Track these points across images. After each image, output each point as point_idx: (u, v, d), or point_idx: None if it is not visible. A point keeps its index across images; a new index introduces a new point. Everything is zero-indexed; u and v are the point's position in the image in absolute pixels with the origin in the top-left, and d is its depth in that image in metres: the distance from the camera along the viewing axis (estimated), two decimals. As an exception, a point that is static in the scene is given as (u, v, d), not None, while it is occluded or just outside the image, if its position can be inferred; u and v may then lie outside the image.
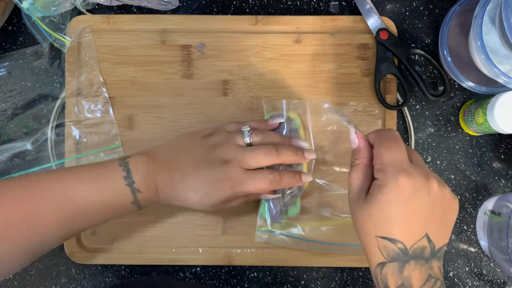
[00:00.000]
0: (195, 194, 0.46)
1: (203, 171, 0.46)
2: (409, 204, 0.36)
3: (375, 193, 0.37)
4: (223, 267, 0.60)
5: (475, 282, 0.59)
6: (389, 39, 0.57)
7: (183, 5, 0.61)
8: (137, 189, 0.44)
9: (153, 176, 0.46)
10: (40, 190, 0.41)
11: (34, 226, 0.41)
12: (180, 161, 0.47)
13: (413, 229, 0.37)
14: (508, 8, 0.44)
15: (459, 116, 0.60)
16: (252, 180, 0.47)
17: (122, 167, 0.45)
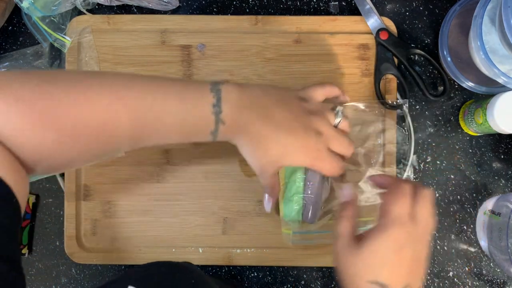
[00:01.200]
0: (279, 149, 0.44)
1: (298, 132, 0.44)
2: (399, 254, 0.40)
3: (371, 236, 0.41)
4: (223, 267, 0.60)
5: (475, 282, 0.59)
6: (389, 39, 0.57)
7: (183, 5, 0.61)
8: (222, 119, 0.42)
9: (243, 113, 0.43)
10: (124, 97, 0.38)
11: (111, 134, 0.38)
12: (277, 112, 0.44)
13: (399, 276, 0.40)
14: (508, 8, 0.44)
15: (459, 116, 0.60)
16: (331, 161, 0.46)
17: (213, 94, 0.42)
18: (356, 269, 0.41)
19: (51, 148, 0.35)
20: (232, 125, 0.42)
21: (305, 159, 0.45)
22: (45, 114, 0.34)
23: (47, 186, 0.61)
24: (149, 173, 0.58)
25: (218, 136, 0.43)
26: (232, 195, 0.58)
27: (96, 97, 0.37)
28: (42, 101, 0.34)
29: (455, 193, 0.60)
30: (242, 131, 0.43)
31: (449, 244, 0.60)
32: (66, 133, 0.35)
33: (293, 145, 0.44)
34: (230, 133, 0.43)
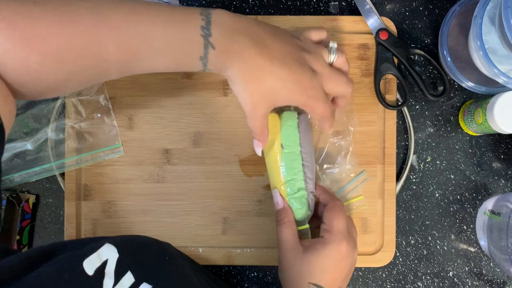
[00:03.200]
0: (273, 81, 0.41)
1: (294, 66, 0.42)
2: (340, 263, 0.46)
3: (318, 247, 0.46)
4: (223, 267, 0.60)
5: (474, 282, 0.59)
6: (389, 39, 0.57)
7: (183, 5, 0.61)
8: (211, 43, 0.39)
9: (235, 38, 0.40)
10: (109, 21, 0.37)
11: (98, 57, 0.37)
12: (272, 42, 0.42)
13: (335, 282, 0.46)
14: (507, 8, 0.44)
15: (458, 116, 0.60)
16: (325, 103, 0.45)
17: (203, 16, 0.40)
18: (300, 271, 0.46)
19: (36, 70, 0.35)
20: (223, 51, 0.40)
21: (299, 97, 0.43)
22: (29, 35, 0.34)
23: (47, 186, 0.61)
24: (149, 173, 0.58)
25: (209, 63, 0.41)
26: (232, 195, 0.58)
27: (79, 18, 0.36)
28: (26, 23, 0.34)
29: (455, 193, 0.60)
30: (235, 58, 0.40)
31: (449, 244, 0.60)
32: (50, 55, 0.35)
33: (288, 80, 0.42)
34: (221, 61, 0.40)
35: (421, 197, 0.60)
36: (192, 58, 0.40)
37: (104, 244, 0.35)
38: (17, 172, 0.58)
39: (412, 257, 0.60)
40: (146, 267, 0.37)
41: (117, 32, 0.37)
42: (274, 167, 0.50)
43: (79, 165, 0.58)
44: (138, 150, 0.58)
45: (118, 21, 0.37)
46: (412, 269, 0.60)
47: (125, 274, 0.34)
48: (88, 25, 0.36)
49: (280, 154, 0.50)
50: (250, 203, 0.58)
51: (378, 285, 0.60)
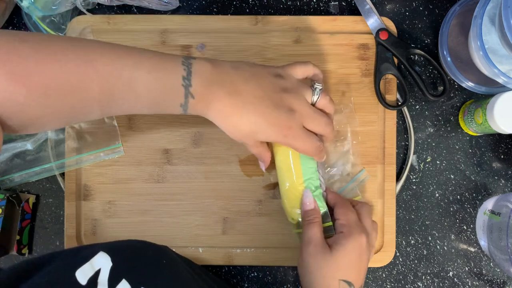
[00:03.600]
0: (248, 126, 0.44)
1: (268, 109, 0.44)
2: (361, 256, 0.47)
3: (342, 242, 0.47)
4: (223, 267, 0.60)
5: (474, 282, 0.59)
6: (389, 39, 0.57)
7: (183, 5, 0.61)
8: (191, 93, 0.42)
9: (212, 88, 0.43)
10: (94, 63, 0.39)
11: (81, 96, 0.39)
12: (246, 89, 0.44)
13: (360, 276, 0.47)
14: (507, 8, 0.44)
15: (458, 116, 0.60)
16: (306, 140, 0.46)
17: (184, 67, 0.43)
18: (329, 270, 0.46)
19: (23, 103, 0.36)
20: (201, 100, 0.43)
21: (276, 136, 0.45)
22: (17, 71, 0.36)
23: (47, 186, 0.61)
24: (149, 173, 0.58)
25: (189, 110, 0.44)
26: (232, 195, 0.58)
27: (65, 58, 0.38)
28: (14, 59, 0.36)
29: (455, 193, 0.60)
30: (211, 107, 0.44)
31: (449, 244, 0.60)
32: (36, 90, 0.37)
33: (262, 123, 0.44)
34: (200, 108, 0.44)
35: (421, 197, 0.60)
36: (173, 104, 0.43)
37: (98, 253, 0.35)
38: (17, 172, 0.58)
39: (412, 257, 0.60)
40: (142, 272, 0.37)
41: (102, 74, 0.39)
42: (290, 167, 0.50)
43: (79, 165, 0.58)
44: (138, 150, 0.58)
45: (103, 64, 0.39)
46: (412, 269, 0.60)
47: (119, 283, 0.34)
48: (73, 65, 0.38)
49: (298, 153, 0.50)
50: (250, 203, 0.58)
51: (378, 285, 0.60)
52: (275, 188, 0.58)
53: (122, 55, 0.41)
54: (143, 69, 0.41)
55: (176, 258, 0.46)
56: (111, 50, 0.41)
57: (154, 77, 0.41)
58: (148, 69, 0.41)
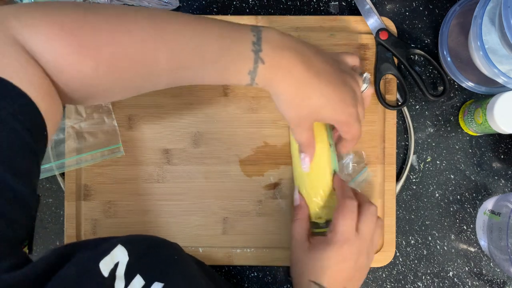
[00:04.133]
0: (319, 98, 0.42)
1: (338, 85, 0.43)
2: (341, 264, 0.46)
3: (320, 247, 0.47)
4: (223, 267, 0.60)
5: (474, 282, 0.59)
6: (389, 39, 0.57)
7: (183, 5, 0.61)
8: (261, 58, 0.41)
9: (284, 53, 0.41)
10: (164, 32, 0.38)
11: (150, 66, 0.39)
12: (318, 61, 0.43)
13: (337, 282, 0.47)
14: (508, 8, 0.44)
15: (458, 116, 0.60)
16: (359, 123, 0.47)
17: (254, 33, 0.41)
18: (303, 267, 0.48)
19: (90, 75, 0.36)
20: (272, 66, 0.41)
21: (342, 114, 0.44)
22: (86, 42, 0.35)
23: (47, 186, 0.61)
24: (149, 173, 0.58)
25: (257, 78, 0.41)
26: (232, 195, 0.58)
27: (134, 28, 0.37)
28: (83, 29, 0.35)
29: (455, 193, 0.60)
30: (283, 74, 0.41)
31: (449, 244, 0.60)
32: (104, 62, 0.36)
33: (332, 98, 0.43)
34: (269, 75, 0.41)
35: (421, 197, 0.60)
36: (241, 71, 0.41)
37: (117, 246, 0.36)
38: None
39: (412, 257, 0.60)
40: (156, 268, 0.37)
41: (171, 43, 0.38)
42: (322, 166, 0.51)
43: (79, 165, 0.58)
44: (138, 150, 0.58)
45: (172, 33, 0.38)
46: (412, 269, 0.60)
47: (134, 278, 0.35)
48: (142, 35, 0.37)
49: (329, 152, 0.51)
50: (250, 203, 0.58)
51: (378, 285, 0.60)
52: (275, 188, 0.58)
53: (189, 23, 0.39)
54: (211, 36, 0.40)
55: (186, 255, 0.47)
56: (178, 19, 0.39)
57: (222, 43, 0.40)
58: (216, 36, 0.40)
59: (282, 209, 0.58)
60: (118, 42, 0.36)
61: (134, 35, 0.37)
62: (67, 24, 0.35)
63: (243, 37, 0.41)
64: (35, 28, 0.34)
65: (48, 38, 0.34)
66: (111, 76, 0.37)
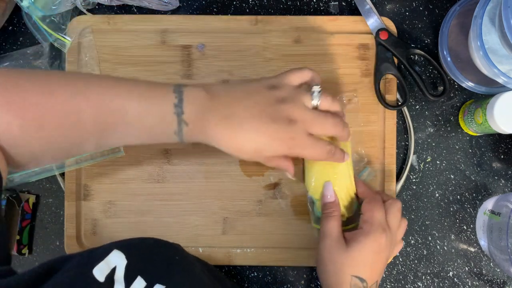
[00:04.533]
0: (251, 145, 0.43)
1: (266, 125, 0.43)
2: (378, 255, 0.47)
3: (360, 239, 0.47)
4: (223, 267, 0.60)
5: (474, 282, 0.59)
6: (389, 39, 0.57)
7: (183, 5, 0.61)
8: (184, 121, 0.42)
9: (206, 115, 0.42)
10: (87, 94, 0.40)
11: (75, 127, 0.40)
12: (240, 109, 0.43)
13: (374, 274, 0.47)
14: (507, 8, 0.44)
15: (458, 116, 0.60)
16: (313, 147, 0.45)
17: (176, 94, 0.42)
18: (343, 264, 0.47)
19: (18, 135, 0.37)
20: (196, 127, 0.42)
21: (282, 149, 0.44)
22: (11, 101, 0.37)
23: (47, 186, 0.61)
24: (149, 173, 0.58)
25: (185, 138, 0.43)
26: (232, 195, 0.58)
27: (60, 89, 0.39)
28: (9, 90, 0.37)
29: (455, 193, 0.60)
30: (208, 133, 0.43)
31: (449, 244, 0.60)
32: (31, 121, 0.38)
33: (264, 139, 0.43)
34: (195, 135, 0.43)
35: (421, 197, 0.60)
36: (167, 133, 0.43)
37: (112, 251, 0.36)
38: (17, 172, 0.58)
39: (412, 257, 0.60)
40: (157, 269, 0.37)
41: (93, 104, 0.40)
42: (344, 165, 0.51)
43: (79, 165, 0.58)
44: (138, 150, 0.58)
45: (94, 94, 0.40)
46: (412, 269, 0.60)
47: (135, 279, 0.35)
48: (65, 96, 0.39)
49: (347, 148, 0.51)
50: (250, 203, 0.58)
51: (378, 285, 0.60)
52: (275, 188, 0.58)
53: (112, 85, 0.41)
54: (134, 98, 0.41)
55: (188, 255, 0.46)
56: (101, 81, 0.41)
57: (145, 105, 0.41)
58: (138, 98, 0.41)
59: (282, 209, 0.58)
60: (43, 103, 0.38)
61: (58, 96, 0.39)
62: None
63: (165, 99, 0.42)
64: None
65: None
66: (39, 136, 0.38)
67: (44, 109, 0.38)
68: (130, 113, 0.41)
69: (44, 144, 0.39)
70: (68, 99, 0.39)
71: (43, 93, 0.38)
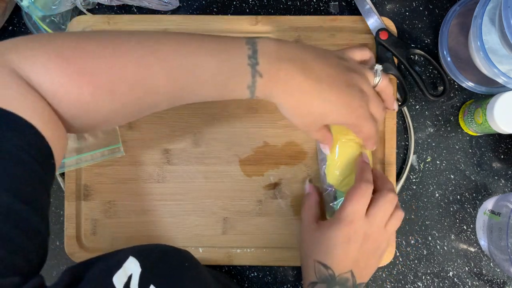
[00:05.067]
0: (322, 105, 0.42)
1: (342, 88, 0.42)
2: (345, 245, 0.46)
3: (327, 225, 0.48)
4: (223, 267, 0.60)
5: (474, 282, 0.59)
6: (389, 39, 0.57)
7: (183, 5, 0.61)
8: (259, 72, 0.40)
9: (282, 65, 0.40)
10: (158, 53, 0.38)
11: (148, 89, 0.38)
12: (317, 66, 0.42)
13: (342, 263, 0.46)
14: (507, 8, 0.44)
15: (458, 116, 0.60)
16: (371, 121, 0.45)
17: (249, 46, 0.40)
18: (310, 248, 0.48)
19: (89, 102, 0.36)
20: (271, 79, 0.40)
21: (349, 117, 0.43)
22: (82, 69, 0.36)
23: (47, 186, 0.60)
24: (149, 173, 0.58)
25: (256, 91, 0.41)
26: (232, 195, 0.58)
27: (130, 51, 0.37)
28: (80, 56, 0.36)
29: (455, 193, 0.60)
30: (282, 86, 0.41)
31: (449, 244, 0.60)
32: (102, 87, 0.36)
33: (336, 102, 0.42)
34: (269, 88, 0.41)
35: (421, 197, 0.60)
36: (240, 86, 0.41)
37: (128, 258, 0.36)
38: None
39: (412, 257, 0.60)
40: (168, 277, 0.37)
41: (166, 63, 0.38)
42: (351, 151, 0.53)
43: (79, 165, 0.58)
44: (138, 150, 0.58)
45: (166, 53, 0.38)
46: (412, 269, 0.60)
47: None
48: (137, 57, 0.38)
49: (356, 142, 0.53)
50: (250, 203, 0.58)
51: (378, 285, 0.60)
52: (275, 188, 0.58)
53: (183, 42, 0.39)
54: (207, 53, 0.39)
55: (196, 261, 0.47)
56: (172, 38, 0.39)
57: (218, 59, 0.39)
58: (211, 52, 0.39)
59: (282, 209, 0.58)
60: (114, 66, 0.37)
61: (129, 58, 0.37)
62: (63, 53, 0.35)
63: (238, 51, 0.40)
64: (33, 60, 0.35)
65: (46, 68, 0.35)
66: (111, 100, 0.37)
67: (116, 73, 0.37)
68: (204, 70, 0.39)
69: (117, 107, 0.38)
70: (139, 61, 0.37)
71: (113, 57, 0.37)
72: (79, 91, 0.36)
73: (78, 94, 0.36)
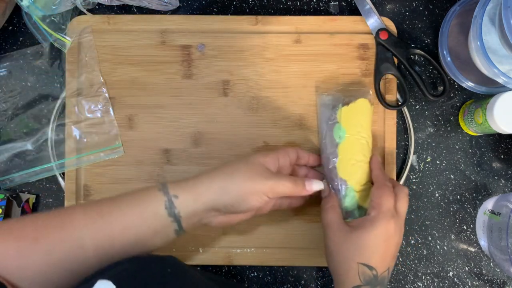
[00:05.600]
0: (233, 197, 0.47)
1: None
2: (387, 242, 0.46)
3: (366, 225, 0.47)
4: (223, 267, 0.60)
5: (474, 282, 0.59)
6: (388, 39, 0.57)
7: (183, 5, 0.61)
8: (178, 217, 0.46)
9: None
10: (79, 226, 0.42)
11: (78, 258, 0.41)
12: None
13: (384, 261, 0.47)
14: (507, 8, 0.44)
15: (458, 116, 0.60)
16: (287, 181, 0.49)
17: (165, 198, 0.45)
18: (349, 251, 0.46)
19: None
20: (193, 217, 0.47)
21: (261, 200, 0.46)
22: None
23: (47, 186, 0.60)
24: (149, 173, 0.58)
25: (185, 230, 0.47)
26: (232, 195, 0.58)
27: (47, 236, 0.41)
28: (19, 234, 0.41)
29: (455, 193, 0.60)
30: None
31: (449, 244, 0.60)
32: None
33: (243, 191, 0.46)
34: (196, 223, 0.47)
35: (421, 197, 0.60)
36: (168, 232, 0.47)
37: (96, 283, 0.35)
38: (17, 172, 0.58)
39: (412, 257, 0.60)
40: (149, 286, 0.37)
41: (91, 232, 0.42)
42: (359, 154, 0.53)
43: (79, 165, 0.58)
44: (138, 150, 0.58)
45: (86, 224, 0.42)
46: (412, 269, 0.60)
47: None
48: (63, 237, 0.41)
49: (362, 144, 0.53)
50: (250, 203, 0.58)
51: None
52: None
53: (95, 217, 0.43)
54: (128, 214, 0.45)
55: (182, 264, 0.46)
56: (95, 208, 0.44)
57: (138, 215, 0.45)
58: (131, 211, 0.45)
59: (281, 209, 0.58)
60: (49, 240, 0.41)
61: (58, 233, 0.41)
62: (21, 235, 0.40)
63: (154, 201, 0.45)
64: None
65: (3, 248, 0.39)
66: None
67: (52, 244, 0.41)
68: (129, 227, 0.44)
69: (55, 273, 0.41)
70: (62, 240, 0.41)
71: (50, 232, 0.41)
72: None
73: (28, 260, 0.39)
